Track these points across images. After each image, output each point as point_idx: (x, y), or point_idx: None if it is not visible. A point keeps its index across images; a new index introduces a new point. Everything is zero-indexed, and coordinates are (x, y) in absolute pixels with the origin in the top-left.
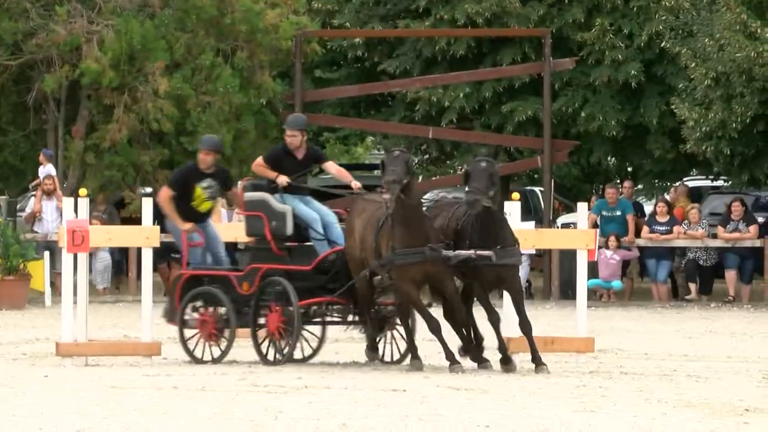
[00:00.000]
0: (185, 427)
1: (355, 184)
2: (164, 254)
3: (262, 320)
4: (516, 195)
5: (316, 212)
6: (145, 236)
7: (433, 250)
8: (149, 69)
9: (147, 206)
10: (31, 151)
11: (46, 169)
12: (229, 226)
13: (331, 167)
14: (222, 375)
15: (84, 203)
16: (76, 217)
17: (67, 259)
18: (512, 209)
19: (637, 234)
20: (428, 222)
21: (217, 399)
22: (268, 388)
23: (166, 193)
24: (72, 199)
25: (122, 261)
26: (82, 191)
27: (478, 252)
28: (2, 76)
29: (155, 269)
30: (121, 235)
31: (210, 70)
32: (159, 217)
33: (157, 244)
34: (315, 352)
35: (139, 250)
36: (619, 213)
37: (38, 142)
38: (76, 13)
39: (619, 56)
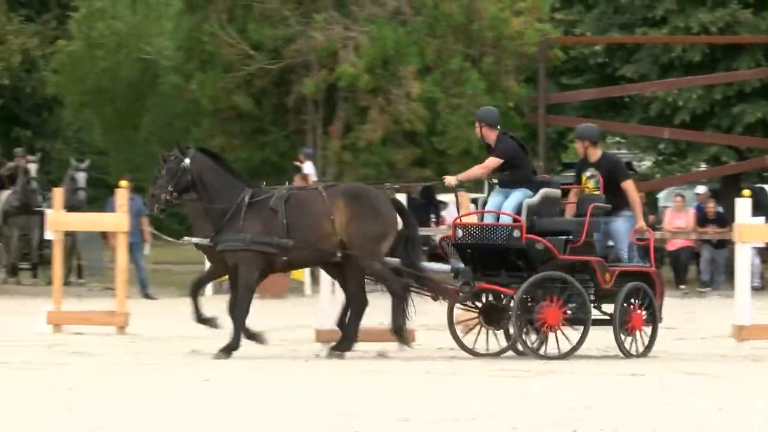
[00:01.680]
0: (442, 406)
1: (448, 180)
2: None
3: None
4: (747, 192)
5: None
6: None
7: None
8: (402, 73)
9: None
10: (290, 149)
11: (305, 168)
12: None
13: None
14: (470, 360)
15: None
16: None
17: None
18: (743, 205)
19: None
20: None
21: (467, 383)
22: (514, 372)
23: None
24: None
25: None
26: None
27: (190, 238)
28: (264, 80)
29: None
30: None
31: (459, 74)
32: None
33: None
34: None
35: None
36: None
37: (297, 141)
38: (333, 21)
39: None
